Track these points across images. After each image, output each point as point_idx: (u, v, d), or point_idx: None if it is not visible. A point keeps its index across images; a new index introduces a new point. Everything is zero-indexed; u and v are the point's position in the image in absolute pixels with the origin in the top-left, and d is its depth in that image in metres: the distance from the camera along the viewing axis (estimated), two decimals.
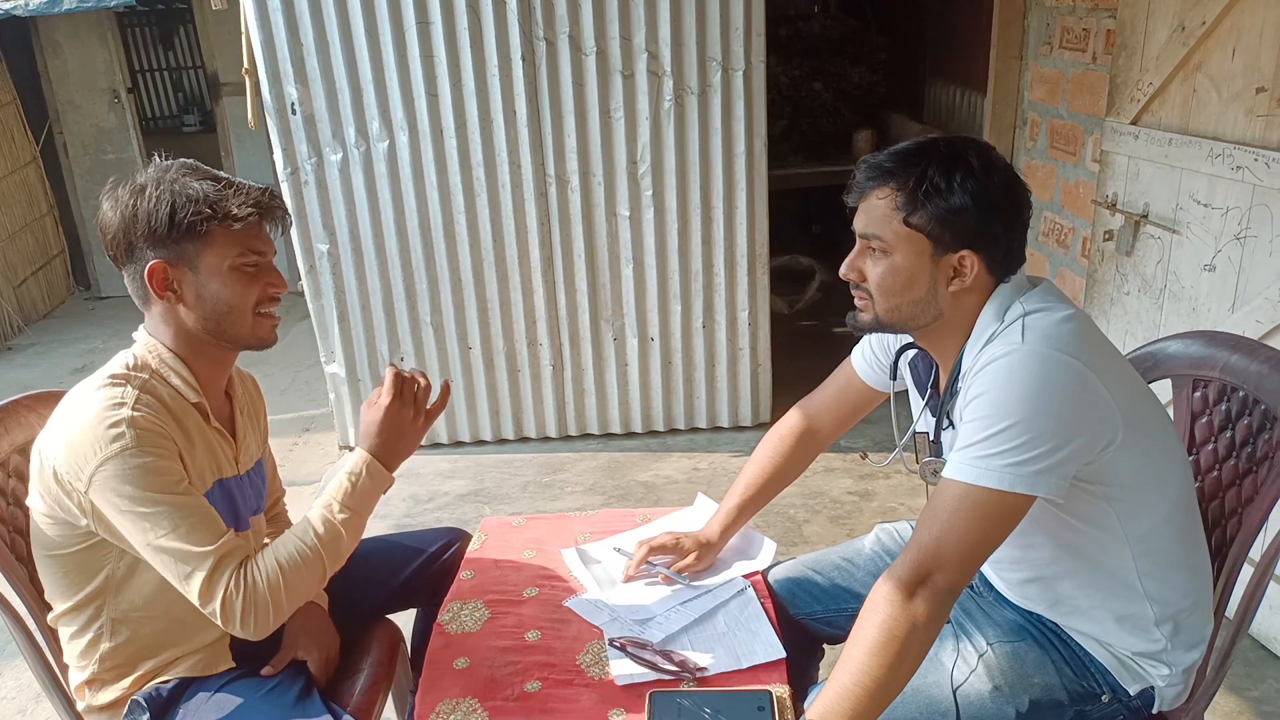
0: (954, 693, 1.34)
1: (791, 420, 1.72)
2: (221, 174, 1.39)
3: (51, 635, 1.47)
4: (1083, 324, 1.26)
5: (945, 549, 1.18)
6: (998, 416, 1.18)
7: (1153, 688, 1.34)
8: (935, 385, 1.44)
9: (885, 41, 5.17)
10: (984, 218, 1.24)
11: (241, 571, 1.32)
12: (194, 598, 1.31)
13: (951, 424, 1.35)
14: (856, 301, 1.35)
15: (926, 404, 1.45)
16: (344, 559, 1.42)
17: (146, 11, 7.22)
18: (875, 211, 1.28)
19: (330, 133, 3.24)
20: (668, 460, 3.54)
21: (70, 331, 5.62)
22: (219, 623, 1.32)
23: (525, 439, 3.72)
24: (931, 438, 1.40)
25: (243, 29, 3.18)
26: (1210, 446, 1.50)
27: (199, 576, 1.30)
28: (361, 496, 1.42)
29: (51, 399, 1.54)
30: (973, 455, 1.19)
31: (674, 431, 3.72)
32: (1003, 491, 1.17)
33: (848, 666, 1.18)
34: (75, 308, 6.10)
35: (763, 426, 3.68)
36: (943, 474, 1.23)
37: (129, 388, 1.34)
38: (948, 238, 1.25)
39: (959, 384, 1.30)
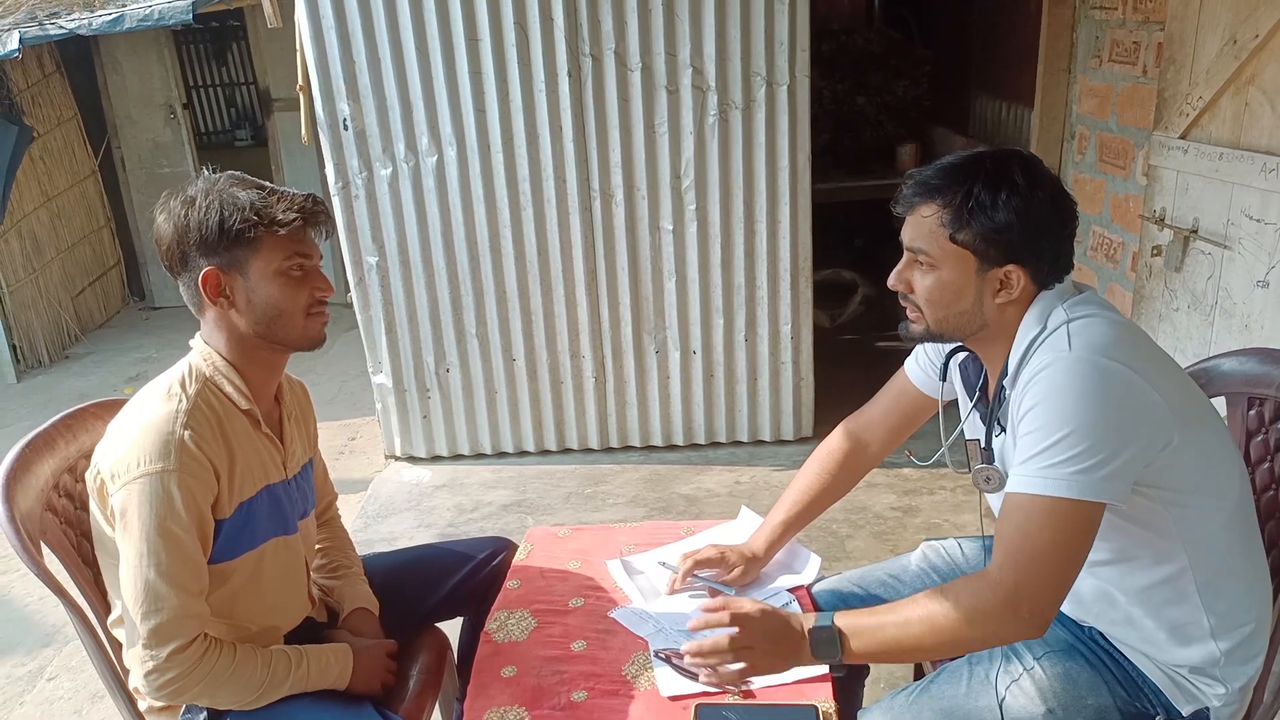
0: (1003, 716, 1.33)
1: (840, 436, 1.72)
2: (266, 183, 1.44)
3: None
4: (1127, 330, 1.27)
5: (1029, 564, 1.20)
6: (1055, 426, 1.18)
7: (1207, 709, 1.32)
8: (984, 390, 1.44)
9: (929, 55, 5.14)
10: (1029, 234, 1.25)
11: (202, 639, 1.36)
12: (143, 635, 1.33)
13: (1003, 429, 1.35)
14: (908, 313, 1.38)
15: (974, 406, 1.46)
16: (264, 699, 1.44)
17: (202, 29, 7.41)
18: (922, 227, 1.30)
19: (380, 148, 3.30)
20: (709, 473, 3.54)
21: (125, 340, 5.76)
22: (139, 668, 1.35)
23: (567, 450, 3.75)
24: (983, 444, 1.40)
25: (298, 47, 3.26)
26: (1266, 465, 1.48)
27: (157, 620, 1.33)
28: (314, 681, 1.48)
29: (117, 407, 1.59)
30: (1037, 466, 1.20)
31: (715, 444, 3.73)
32: (1070, 500, 1.18)
33: (899, 615, 1.27)
34: (130, 317, 6.25)
35: (804, 440, 3.67)
36: (1007, 488, 1.24)
37: (183, 401, 1.38)
38: (993, 254, 1.27)
39: (1006, 389, 1.31)
